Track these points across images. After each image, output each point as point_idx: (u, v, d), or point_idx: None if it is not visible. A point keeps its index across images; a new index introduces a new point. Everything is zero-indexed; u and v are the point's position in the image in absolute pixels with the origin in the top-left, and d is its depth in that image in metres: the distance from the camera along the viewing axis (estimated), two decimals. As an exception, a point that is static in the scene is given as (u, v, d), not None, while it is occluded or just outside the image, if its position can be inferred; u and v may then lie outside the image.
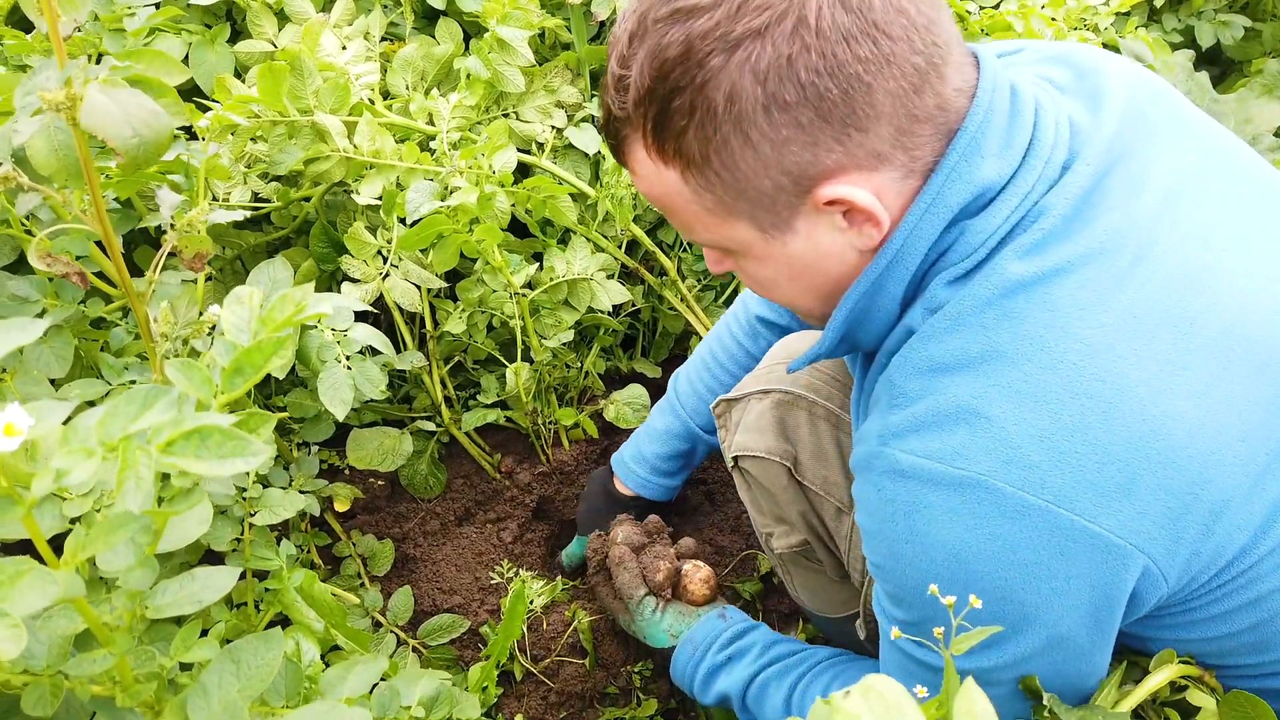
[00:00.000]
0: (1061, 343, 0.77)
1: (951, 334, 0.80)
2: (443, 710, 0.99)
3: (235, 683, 0.70)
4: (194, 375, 0.59)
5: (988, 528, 0.77)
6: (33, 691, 0.65)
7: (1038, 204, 0.81)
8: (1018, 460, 0.76)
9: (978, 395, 0.78)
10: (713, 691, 1.22)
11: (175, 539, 0.77)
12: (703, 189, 0.82)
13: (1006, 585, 0.78)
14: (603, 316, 1.62)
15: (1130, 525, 0.76)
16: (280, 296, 0.62)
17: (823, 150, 0.77)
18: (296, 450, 1.46)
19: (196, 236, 0.99)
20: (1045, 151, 0.82)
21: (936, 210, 0.80)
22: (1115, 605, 0.80)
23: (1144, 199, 0.82)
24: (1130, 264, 0.79)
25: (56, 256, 0.90)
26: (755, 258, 0.88)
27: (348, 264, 1.45)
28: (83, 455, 0.53)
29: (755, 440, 1.19)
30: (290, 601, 1.14)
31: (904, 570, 0.83)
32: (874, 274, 0.84)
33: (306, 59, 1.38)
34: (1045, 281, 0.78)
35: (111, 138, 0.75)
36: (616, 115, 0.83)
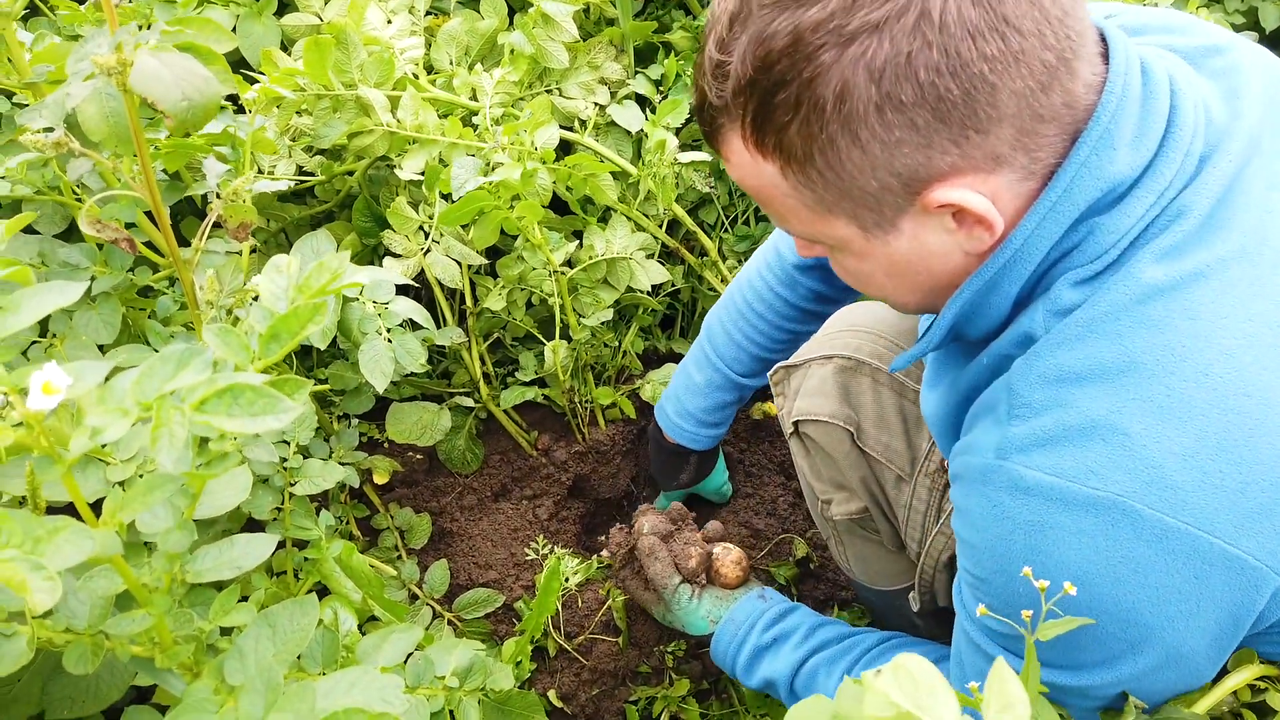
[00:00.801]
0: (1205, 354, 0.72)
1: (1083, 341, 0.74)
2: (476, 680, 1.00)
3: (271, 646, 0.71)
4: (232, 340, 0.59)
5: (1122, 551, 0.72)
6: (74, 650, 0.67)
7: (1174, 201, 0.75)
8: (1159, 481, 0.71)
9: (1115, 409, 0.72)
10: (757, 675, 1.19)
11: (215, 506, 0.78)
12: (803, 185, 0.77)
13: (1134, 609, 0.74)
14: (642, 296, 1.62)
15: (1269, 547, 0.72)
16: (316, 264, 0.62)
17: (937, 153, 0.72)
18: (337, 423, 1.48)
19: (241, 206, 1.00)
20: (1184, 142, 0.75)
21: (1063, 209, 0.75)
22: (1242, 626, 0.76)
23: (1276, 197, 0.77)
24: (1271, 267, 0.74)
25: (106, 223, 0.92)
26: (854, 254, 0.83)
27: (390, 239, 1.46)
28: (118, 414, 0.53)
29: (819, 405, 1.17)
30: (329, 571, 1.15)
31: (1015, 589, 0.78)
32: (989, 273, 0.79)
33: (352, 32, 1.38)
34: (1185, 287, 0.73)
35: (161, 101, 0.76)
36: (713, 103, 0.77)
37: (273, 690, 0.67)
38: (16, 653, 0.62)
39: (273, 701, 0.67)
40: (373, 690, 0.69)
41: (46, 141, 0.83)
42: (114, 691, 0.83)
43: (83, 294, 1.07)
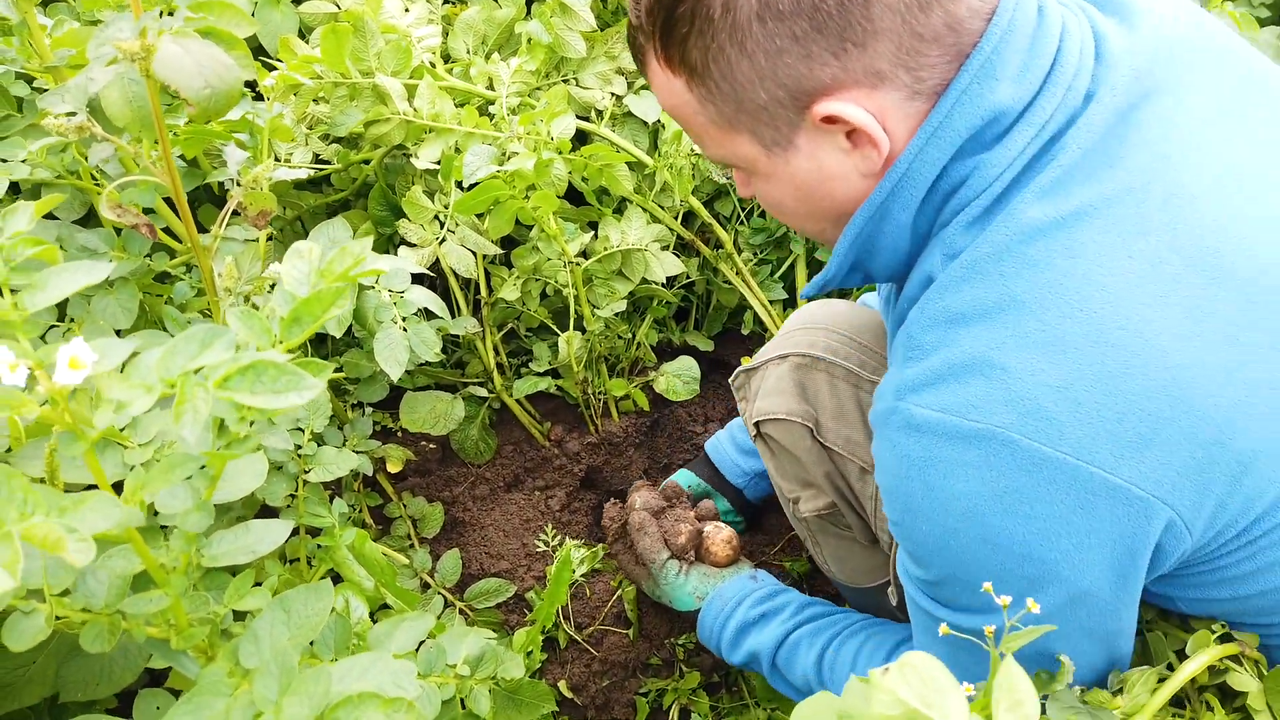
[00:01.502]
0: (1082, 290, 0.74)
1: (968, 283, 0.77)
2: (487, 669, 1.00)
3: (285, 631, 0.72)
4: (254, 323, 0.60)
5: (1004, 482, 0.74)
6: (91, 629, 0.67)
7: (1057, 137, 0.77)
8: (1035, 412, 0.73)
9: (994, 346, 0.75)
10: (742, 649, 1.20)
11: (231, 490, 0.78)
12: (706, 100, 0.82)
13: (1024, 541, 0.76)
14: (656, 288, 1.61)
15: (1153, 477, 0.73)
16: (339, 250, 0.62)
17: (818, 64, 0.76)
18: (351, 411, 1.48)
19: (261, 193, 1.00)
20: (1067, 78, 0.78)
21: (944, 134, 0.77)
22: (1139, 560, 0.77)
23: (1175, 138, 0.78)
24: (1158, 207, 0.76)
25: (126, 208, 0.92)
26: (763, 176, 0.87)
27: (405, 228, 1.46)
28: (143, 390, 0.54)
29: (776, 403, 1.18)
30: (342, 559, 1.15)
31: (921, 527, 0.81)
32: (879, 198, 0.82)
33: (369, 20, 1.38)
34: (1066, 226, 0.75)
35: (184, 87, 0.76)
36: (633, 24, 0.83)
37: (287, 674, 0.67)
38: (35, 629, 0.62)
39: (287, 685, 0.67)
40: (386, 676, 0.70)
41: (69, 126, 0.84)
42: (127, 674, 0.83)
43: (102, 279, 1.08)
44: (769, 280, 1.73)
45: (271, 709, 0.66)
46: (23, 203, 0.66)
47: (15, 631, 0.64)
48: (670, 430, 1.69)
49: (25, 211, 0.65)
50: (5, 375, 0.54)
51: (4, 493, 0.55)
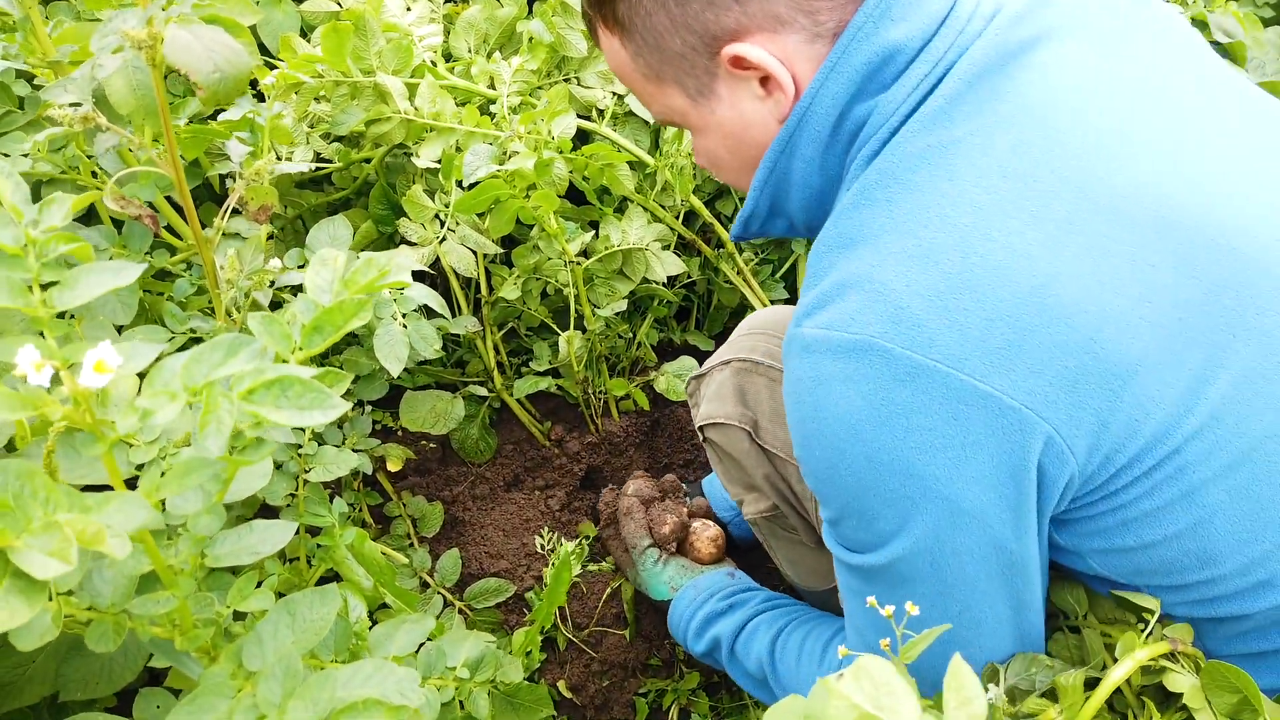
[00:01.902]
0: (957, 206, 0.76)
1: (856, 210, 0.81)
2: (487, 672, 1.00)
3: (290, 634, 0.71)
4: (275, 330, 0.60)
5: (881, 394, 0.75)
6: (97, 628, 0.67)
7: (947, 72, 0.81)
8: (905, 319, 0.74)
9: (875, 263, 0.77)
10: (705, 637, 1.22)
11: (237, 491, 0.78)
12: (635, 54, 0.89)
13: (904, 457, 0.76)
14: (657, 287, 1.61)
15: (1023, 386, 0.73)
16: (364, 260, 0.62)
17: (721, 9, 0.82)
18: (351, 409, 1.47)
19: (262, 188, 1.00)
20: (962, 20, 0.82)
21: (841, 71, 0.82)
22: (1022, 480, 0.76)
23: (1067, 73, 0.81)
24: (1036, 131, 0.78)
25: (129, 200, 0.92)
26: (697, 130, 0.93)
27: (405, 227, 1.46)
28: (167, 397, 0.54)
29: (716, 408, 1.20)
30: (341, 559, 1.15)
31: (815, 454, 0.82)
32: (785, 136, 0.86)
33: (370, 19, 1.38)
34: (948, 151, 0.78)
35: (194, 72, 0.76)
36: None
37: (291, 677, 0.67)
38: (42, 627, 0.62)
39: (291, 689, 0.67)
40: (390, 683, 0.69)
41: (74, 116, 0.83)
42: (128, 673, 0.83)
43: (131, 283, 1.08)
44: (770, 280, 1.73)
45: (275, 712, 0.66)
46: (60, 195, 0.65)
47: (22, 630, 0.63)
48: (670, 430, 1.69)
49: (62, 205, 0.65)
50: (31, 375, 0.54)
51: (28, 490, 0.55)
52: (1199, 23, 1.76)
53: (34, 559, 0.51)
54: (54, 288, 0.62)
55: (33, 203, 0.64)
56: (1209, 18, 1.75)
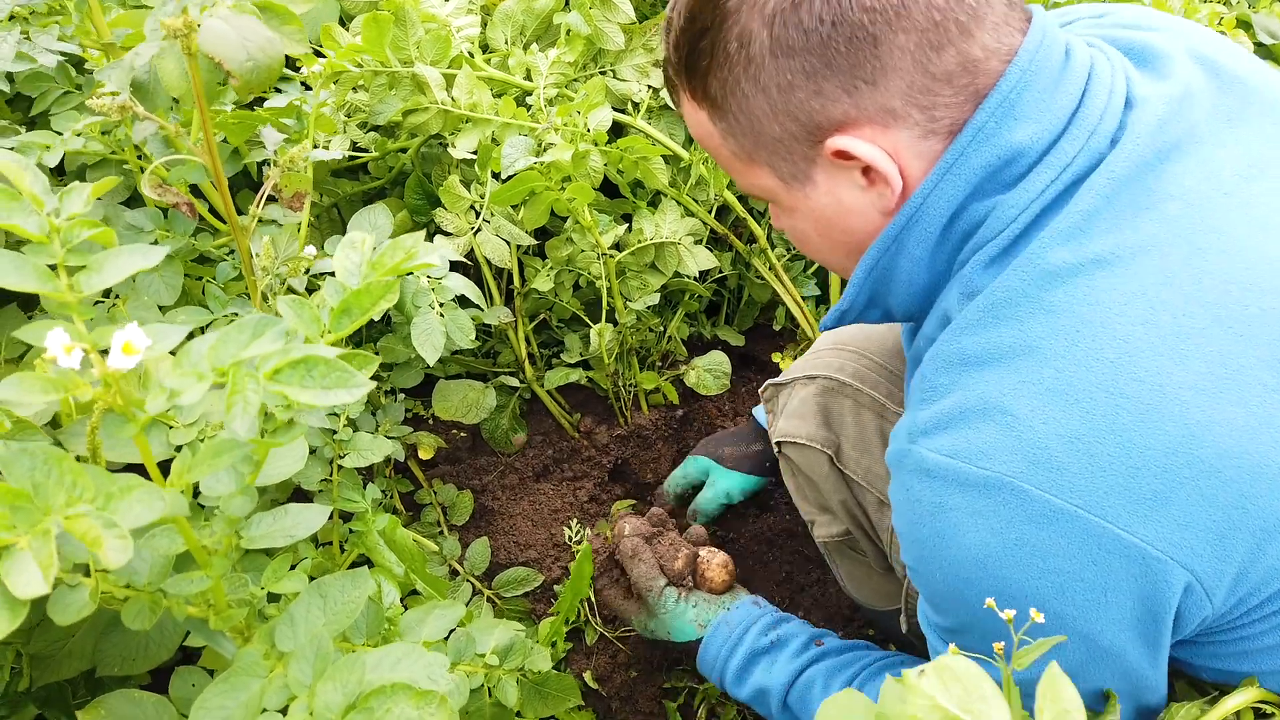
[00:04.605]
0: (1099, 339, 0.71)
1: (984, 326, 0.76)
2: (515, 660, 1.01)
3: (322, 616, 0.72)
4: (304, 312, 0.60)
5: (1014, 532, 0.72)
6: (133, 606, 0.68)
7: (1079, 180, 0.75)
8: (1045, 461, 0.70)
9: (1006, 392, 0.73)
10: (750, 683, 1.14)
11: (272, 473, 0.79)
12: (727, 133, 0.83)
13: (1038, 594, 0.73)
14: (689, 281, 1.61)
15: (1169, 538, 0.70)
16: (391, 243, 0.63)
17: (829, 100, 0.76)
18: (384, 397, 1.49)
19: (297, 175, 1.01)
20: (1092, 121, 0.76)
21: (960, 171, 0.77)
22: (1162, 620, 0.74)
23: (1204, 189, 0.75)
24: (1183, 259, 0.73)
25: (168, 187, 0.93)
26: (786, 209, 0.88)
27: (441, 217, 1.47)
28: (194, 378, 0.54)
29: (798, 427, 1.17)
30: (373, 544, 1.16)
31: (934, 574, 0.79)
32: (893, 233, 0.81)
33: (410, 9, 1.38)
34: (1086, 273, 0.73)
35: (228, 59, 0.77)
36: (665, 58, 0.85)
37: (322, 659, 0.68)
38: (80, 603, 0.63)
39: (321, 670, 0.67)
40: (419, 668, 0.70)
41: (112, 105, 0.85)
42: (164, 651, 0.85)
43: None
44: (802, 276, 1.72)
45: (305, 693, 0.67)
46: (79, 183, 0.66)
47: (61, 605, 0.65)
48: (699, 424, 1.69)
49: (82, 193, 0.66)
50: (61, 357, 0.55)
51: (53, 476, 0.56)
52: (1243, 23, 1.73)
53: (21, 573, 0.51)
54: (80, 272, 0.64)
55: (84, 181, 0.65)
56: (1253, 19, 1.72)
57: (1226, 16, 1.69)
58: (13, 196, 0.64)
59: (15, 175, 0.65)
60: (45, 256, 0.62)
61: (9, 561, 0.50)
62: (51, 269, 0.62)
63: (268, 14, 0.77)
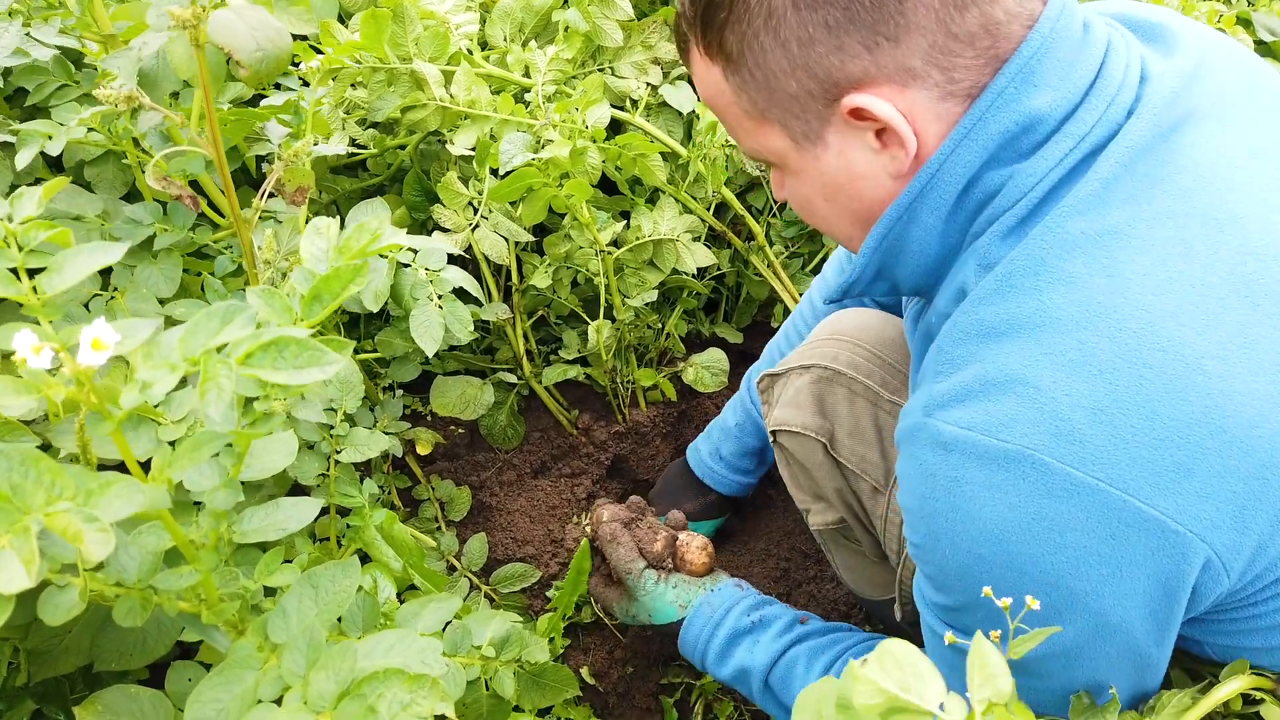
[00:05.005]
0: (1121, 310, 0.71)
1: (1002, 296, 0.75)
2: (512, 651, 1.01)
3: (313, 606, 0.73)
4: (275, 301, 0.60)
5: (1032, 506, 0.71)
6: (124, 603, 0.68)
7: (1096, 150, 0.75)
8: (1067, 433, 0.70)
9: (1027, 364, 0.72)
10: (731, 663, 1.16)
11: (263, 468, 0.79)
12: (740, 89, 0.81)
13: (1053, 570, 0.72)
14: (687, 278, 1.61)
15: (1190, 511, 0.69)
16: (356, 226, 0.63)
17: (849, 56, 0.75)
18: (382, 393, 1.49)
19: (300, 169, 1.01)
20: (1110, 92, 0.76)
21: (978, 137, 0.76)
22: (1176, 598, 0.74)
23: (1218, 161, 0.76)
24: (1200, 230, 0.73)
25: (170, 179, 0.93)
26: (794, 172, 0.86)
27: (439, 213, 1.47)
28: (166, 369, 0.54)
29: (793, 415, 1.17)
30: (370, 539, 1.16)
31: (944, 551, 0.78)
32: (907, 199, 0.80)
33: (408, 6, 1.39)
34: (1105, 243, 0.72)
35: (237, 50, 0.77)
36: (679, 11, 0.84)
37: (315, 649, 0.68)
38: (69, 603, 0.63)
39: (314, 659, 0.68)
40: (412, 652, 0.70)
41: (118, 95, 0.85)
42: (160, 647, 0.85)
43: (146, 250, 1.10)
44: (800, 273, 1.72)
45: (299, 683, 0.67)
46: (28, 188, 0.67)
47: (50, 605, 0.65)
48: (697, 421, 1.69)
49: (32, 196, 0.66)
50: (30, 358, 0.55)
51: (31, 476, 0.56)
52: (1243, 20, 1.73)
53: (3, 569, 0.51)
54: (41, 274, 0.64)
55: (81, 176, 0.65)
56: (1253, 16, 1.71)
57: (1226, 14, 1.69)
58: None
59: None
60: (4, 261, 0.62)
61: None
62: (13, 274, 0.62)
63: (258, 6, 0.77)
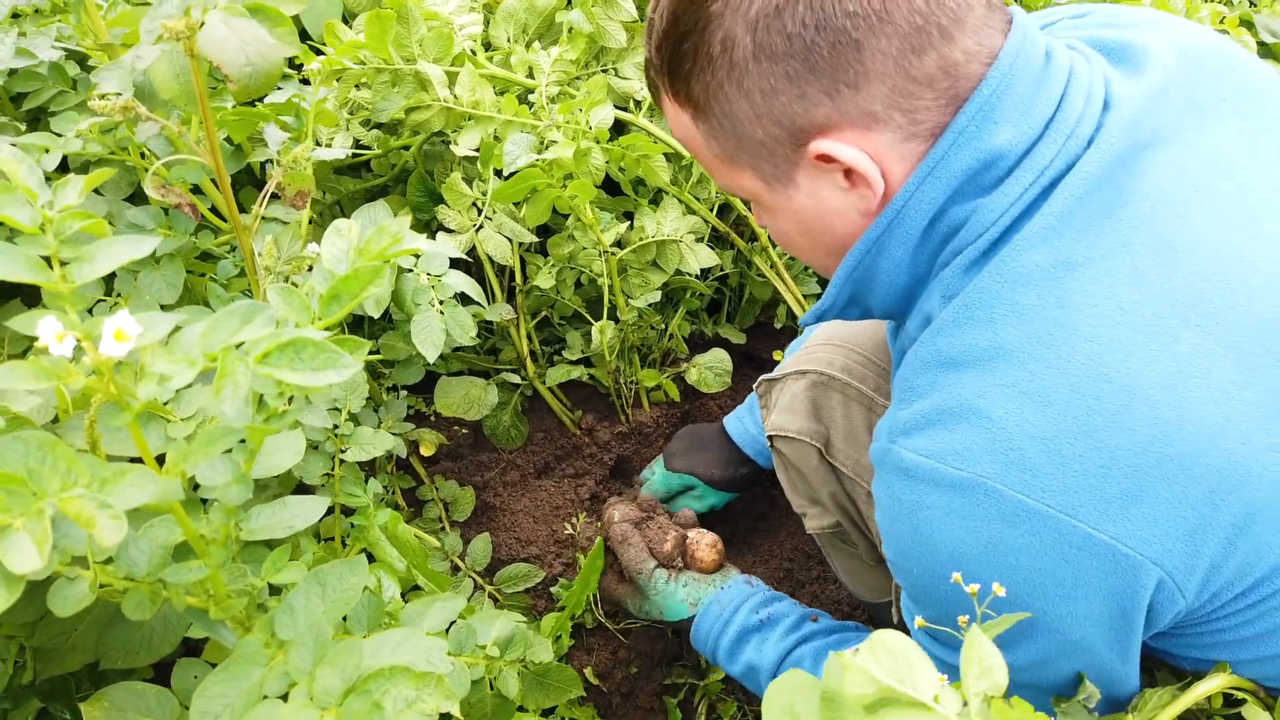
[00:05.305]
0: (1069, 341, 0.73)
1: (959, 328, 0.77)
2: (516, 651, 1.01)
3: (320, 604, 0.73)
4: (293, 300, 0.61)
5: (988, 532, 0.74)
6: (133, 596, 0.69)
7: (1056, 183, 0.76)
8: (1018, 462, 0.72)
9: (981, 394, 0.74)
10: (741, 660, 1.18)
11: (270, 466, 0.79)
12: (709, 135, 0.83)
13: (1011, 591, 0.75)
14: (690, 279, 1.61)
15: (1139, 535, 0.71)
16: (377, 229, 0.63)
17: (812, 104, 0.76)
18: (386, 394, 1.50)
19: (300, 174, 1.01)
20: (1069, 124, 0.77)
21: (940, 175, 0.77)
22: (1133, 617, 0.76)
23: (1176, 187, 0.76)
24: (1153, 259, 0.74)
25: (171, 187, 0.94)
26: (768, 210, 0.88)
27: (443, 214, 1.47)
28: (185, 363, 0.55)
29: (789, 420, 1.18)
30: (375, 539, 1.17)
31: (912, 569, 0.81)
32: (874, 235, 0.82)
33: (412, 7, 1.39)
34: (1058, 276, 0.74)
35: (227, 64, 0.77)
36: (648, 58, 0.86)
37: (321, 645, 0.69)
38: (79, 595, 0.64)
39: (321, 656, 0.68)
40: (418, 651, 0.71)
41: (114, 105, 0.85)
42: (165, 645, 0.85)
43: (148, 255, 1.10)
44: (803, 274, 1.73)
45: (305, 679, 0.67)
46: (73, 176, 0.67)
47: (60, 597, 0.65)
48: (700, 421, 1.69)
49: (75, 185, 0.67)
50: (53, 345, 0.55)
51: (48, 462, 0.57)
52: (1245, 22, 1.73)
53: (17, 550, 0.51)
54: (73, 263, 0.64)
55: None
56: (1255, 18, 1.72)
57: (1229, 16, 1.70)
58: (7, 189, 0.65)
59: (10, 169, 0.66)
60: (38, 248, 0.63)
61: (5, 540, 0.51)
62: (45, 261, 0.63)
63: (259, 16, 0.78)
